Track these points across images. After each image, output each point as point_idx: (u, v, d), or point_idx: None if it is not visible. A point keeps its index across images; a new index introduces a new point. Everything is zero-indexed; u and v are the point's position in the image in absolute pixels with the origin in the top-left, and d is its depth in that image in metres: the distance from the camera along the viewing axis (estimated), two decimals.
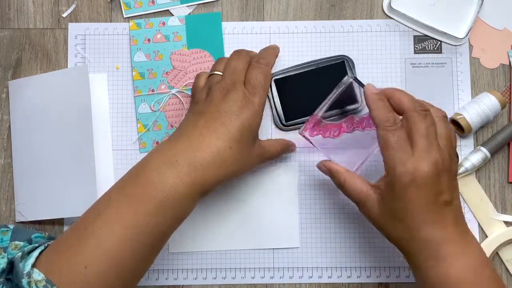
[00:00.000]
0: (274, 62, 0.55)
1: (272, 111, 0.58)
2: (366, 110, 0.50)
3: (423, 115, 0.45)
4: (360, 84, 0.51)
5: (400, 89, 0.48)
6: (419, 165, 0.43)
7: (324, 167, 0.51)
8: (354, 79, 0.51)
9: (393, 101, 0.47)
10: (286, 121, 0.57)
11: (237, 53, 0.53)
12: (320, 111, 0.52)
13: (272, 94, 0.57)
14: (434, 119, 0.46)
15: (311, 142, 0.53)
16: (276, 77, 0.57)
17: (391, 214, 0.45)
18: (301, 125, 0.54)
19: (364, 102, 0.49)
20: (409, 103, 0.46)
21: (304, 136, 0.53)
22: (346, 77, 0.51)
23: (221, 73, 0.51)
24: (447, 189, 0.44)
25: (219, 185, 0.47)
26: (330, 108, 0.52)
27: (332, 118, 0.54)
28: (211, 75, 0.52)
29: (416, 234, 0.44)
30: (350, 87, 0.52)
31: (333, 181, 0.50)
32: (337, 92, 0.51)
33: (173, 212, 0.45)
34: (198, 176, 0.45)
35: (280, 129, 0.58)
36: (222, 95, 0.49)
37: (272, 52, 0.55)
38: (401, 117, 0.47)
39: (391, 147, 0.45)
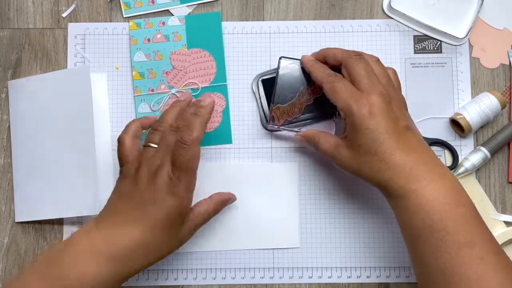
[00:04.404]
0: (205, 129, 0.50)
1: (259, 111, 0.58)
2: None
3: (358, 58, 0.49)
4: (294, 59, 0.54)
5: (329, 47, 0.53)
6: (370, 97, 0.46)
7: (299, 137, 0.54)
8: (282, 57, 0.54)
9: (329, 58, 0.52)
10: None
11: (167, 125, 0.50)
12: (273, 100, 0.54)
13: (259, 94, 0.57)
14: (368, 62, 0.49)
15: (282, 129, 0.55)
16: (264, 77, 0.57)
17: (362, 151, 0.46)
18: (288, 125, 0.55)
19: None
20: (343, 54, 0.50)
21: (272, 130, 0.56)
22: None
23: (156, 146, 0.49)
24: (402, 115, 0.47)
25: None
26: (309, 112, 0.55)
27: (309, 120, 0.55)
28: (145, 146, 0.49)
29: (389, 161, 0.45)
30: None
31: (310, 145, 0.53)
32: (277, 75, 0.54)
33: None
34: (119, 268, 0.44)
35: (266, 129, 0.58)
36: (147, 180, 0.47)
37: (200, 121, 0.49)
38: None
39: (341, 91, 0.48)
